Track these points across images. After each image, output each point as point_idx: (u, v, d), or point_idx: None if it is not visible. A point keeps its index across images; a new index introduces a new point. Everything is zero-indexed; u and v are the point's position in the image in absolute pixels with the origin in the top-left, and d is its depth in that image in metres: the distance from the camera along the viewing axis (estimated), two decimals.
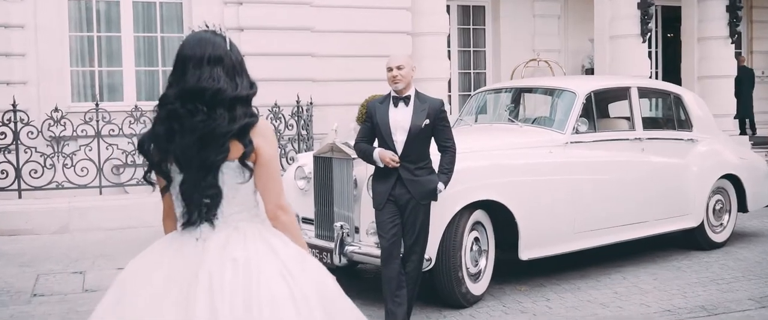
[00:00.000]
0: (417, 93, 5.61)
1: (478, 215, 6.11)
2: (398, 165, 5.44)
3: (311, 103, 10.50)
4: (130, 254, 3.00)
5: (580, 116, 6.89)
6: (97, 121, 9.20)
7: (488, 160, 6.32)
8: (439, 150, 5.60)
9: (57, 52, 10.22)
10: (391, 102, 5.58)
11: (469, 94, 10.90)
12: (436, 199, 5.55)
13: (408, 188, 5.46)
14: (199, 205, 2.65)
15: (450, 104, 13.33)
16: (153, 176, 2.78)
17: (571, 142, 6.81)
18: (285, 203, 2.76)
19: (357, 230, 6.16)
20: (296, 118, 10.16)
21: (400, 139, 5.49)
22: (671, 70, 15.58)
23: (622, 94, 7.58)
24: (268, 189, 2.72)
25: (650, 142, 7.42)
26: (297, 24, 10.93)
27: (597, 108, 7.19)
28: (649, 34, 12.60)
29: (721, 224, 8.07)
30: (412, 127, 5.46)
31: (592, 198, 6.74)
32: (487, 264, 6.21)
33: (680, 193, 7.56)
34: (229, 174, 2.67)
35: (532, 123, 7.35)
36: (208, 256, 2.60)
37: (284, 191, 2.81)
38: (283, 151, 10.01)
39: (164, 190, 2.76)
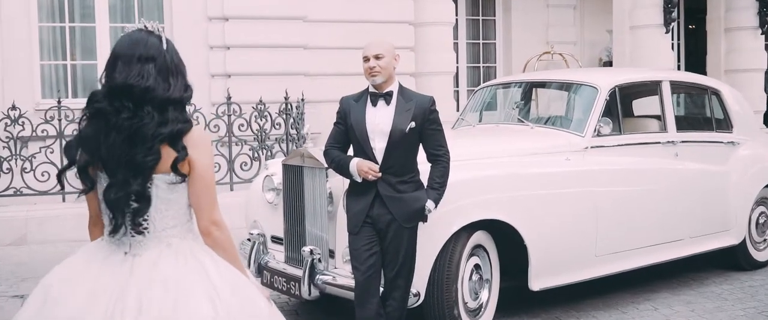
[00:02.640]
0: (401, 89, 4.36)
1: (479, 237, 4.86)
2: (379, 176, 4.19)
3: (302, 100, 9.23)
4: None
5: (603, 115, 5.59)
6: (59, 120, 8.00)
7: (492, 170, 5.05)
8: (429, 159, 4.35)
9: (25, 45, 9.01)
10: (369, 99, 4.33)
11: None
12: (424, 221, 4.31)
13: (389, 207, 4.21)
14: (124, 212, 2.48)
15: (457, 100, 12.04)
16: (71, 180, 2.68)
17: (592, 147, 5.51)
18: (218, 218, 2.58)
19: (332, 254, 4.92)
20: (284, 116, 8.92)
21: (379, 145, 4.25)
22: (694, 63, 14.24)
23: (651, 89, 6.26)
24: (201, 202, 2.56)
25: (685, 146, 6.11)
26: (288, 13, 9.69)
27: (621, 105, 5.88)
28: (672, 24, 11.29)
29: (765, 240, 6.75)
30: (395, 130, 4.22)
31: (617, 215, 5.45)
32: (489, 297, 4.95)
33: (720, 206, 6.26)
34: (162, 187, 2.51)
35: (546, 123, 6.06)
36: (137, 274, 2.46)
37: (218, 205, 2.60)
38: (269, 153, 8.78)
39: (85, 192, 2.56)
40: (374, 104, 4.29)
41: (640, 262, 5.66)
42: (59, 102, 8.06)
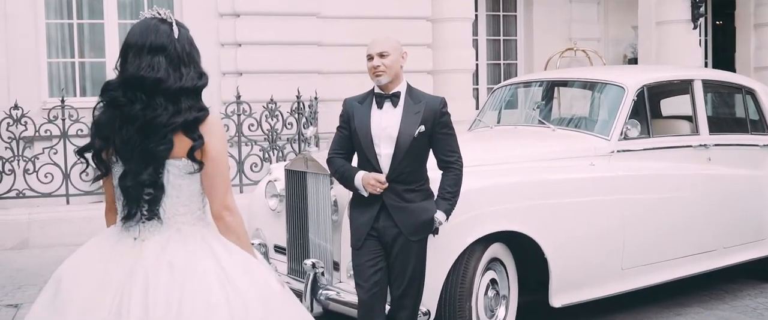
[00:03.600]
0: (409, 89, 3.94)
1: (496, 250, 4.44)
2: (386, 187, 3.79)
3: (316, 98, 8.84)
4: None
5: (630, 117, 5.14)
6: (63, 120, 7.67)
7: (509, 176, 4.62)
8: (440, 166, 3.94)
9: (32, 42, 8.70)
10: (374, 101, 3.92)
11: None
12: (434, 234, 3.90)
13: (394, 219, 3.81)
14: (139, 200, 2.49)
15: (477, 98, 11.59)
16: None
17: (619, 151, 5.07)
18: (231, 203, 2.57)
19: (337, 266, 4.53)
20: (296, 116, 8.53)
21: (385, 151, 3.84)
22: (721, 60, 13.68)
23: (682, 88, 5.79)
24: (214, 187, 2.55)
25: (718, 150, 5.64)
26: (301, 9, 9.29)
27: (650, 106, 5.42)
28: (700, 19, 10.77)
29: None
30: (402, 135, 3.81)
31: (645, 224, 5.01)
32: (507, 315, 4.53)
33: (755, 214, 5.78)
34: (174, 173, 2.51)
35: (569, 125, 5.62)
36: (145, 258, 2.45)
37: (231, 190, 2.59)
38: (281, 154, 8.40)
39: (101, 177, 2.60)
40: (380, 106, 3.89)
41: (670, 275, 5.21)
42: (63, 101, 7.73)
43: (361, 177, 3.82)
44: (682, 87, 5.76)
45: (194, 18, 8.91)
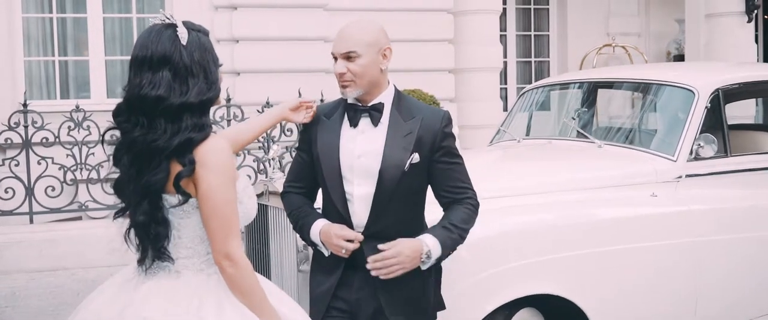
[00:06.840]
0: (397, 98, 2.62)
1: (524, 317, 3.11)
2: (357, 247, 2.49)
3: (322, 100, 7.57)
4: (41, 312, 2.72)
5: (702, 130, 3.77)
6: (25, 127, 6.47)
7: (541, 214, 3.29)
8: (443, 204, 2.62)
9: (5, 39, 7.56)
10: (346, 116, 2.61)
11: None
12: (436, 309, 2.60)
13: (377, 291, 2.50)
14: (147, 239, 2.20)
15: (505, 100, 10.28)
16: None
17: (688, 176, 3.70)
18: (233, 250, 2.15)
19: None
20: None
21: (360, 191, 2.54)
22: None
23: (764, 91, 4.40)
24: (210, 230, 2.15)
25: None
26: (306, 1, 8.09)
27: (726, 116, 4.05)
28: (756, 11, 9.37)
29: None
30: (387, 168, 2.50)
31: (725, 274, 3.64)
32: None
33: None
34: (170, 210, 2.19)
35: (617, 139, 4.24)
36: (129, 307, 2.19)
37: (236, 235, 2.16)
38: (279, 164, 7.12)
39: (125, 209, 2.29)
40: (353, 124, 2.58)
41: None
42: (25, 105, 6.53)
43: (319, 229, 2.51)
44: (765, 89, 4.35)
45: (187, 11, 7.74)
